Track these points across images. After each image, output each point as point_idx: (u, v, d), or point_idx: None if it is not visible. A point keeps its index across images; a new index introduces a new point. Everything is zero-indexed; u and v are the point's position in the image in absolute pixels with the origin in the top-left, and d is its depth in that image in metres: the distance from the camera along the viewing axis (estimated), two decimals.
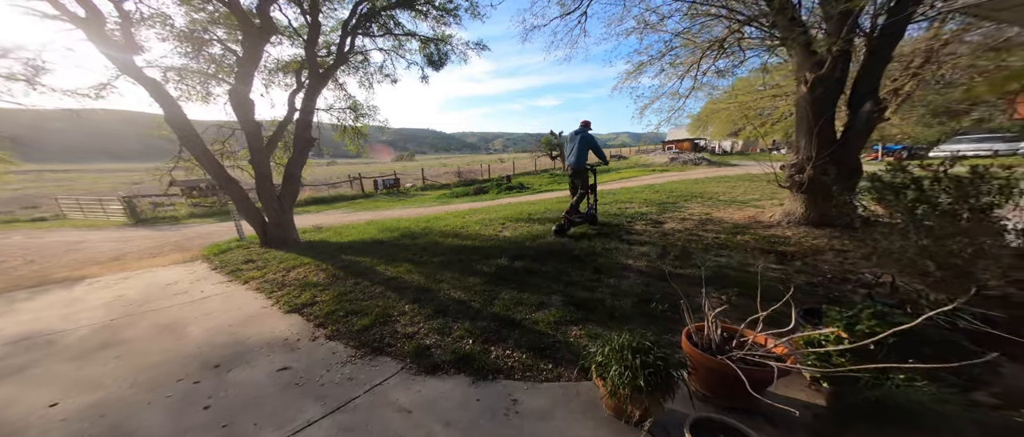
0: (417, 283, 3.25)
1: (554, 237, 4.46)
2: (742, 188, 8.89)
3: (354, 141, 7.90)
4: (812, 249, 3.19)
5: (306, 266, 4.07)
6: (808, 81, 3.87)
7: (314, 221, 9.37)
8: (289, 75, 6.89)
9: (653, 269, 2.99)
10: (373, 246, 5.08)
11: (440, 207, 12.50)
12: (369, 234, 6.18)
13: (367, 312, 2.65)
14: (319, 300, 2.99)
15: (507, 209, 8.49)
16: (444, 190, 22.12)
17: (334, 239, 5.98)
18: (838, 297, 2.20)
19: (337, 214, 11.47)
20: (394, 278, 3.46)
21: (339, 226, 7.89)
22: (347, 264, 4.08)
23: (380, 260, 4.17)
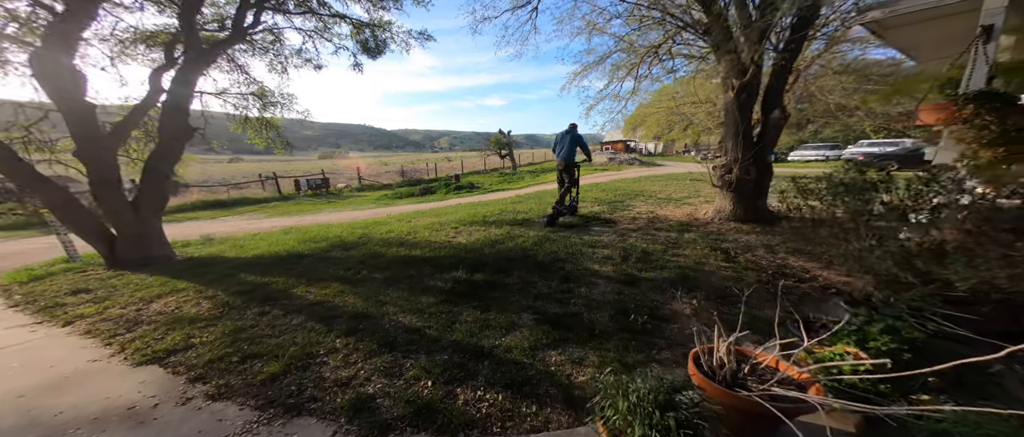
0: (353, 308, 2.64)
1: (539, 229, 4.22)
2: (672, 186, 9.96)
3: (262, 134, 6.47)
4: (746, 245, 3.57)
5: (180, 294, 3.06)
6: (735, 87, 4.37)
7: (204, 230, 7.45)
8: (156, 48, 5.27)
9: (621, 274, 2.95)
10: (290, 261, 4.14)
11: (381, 210, 11.23)
12: (285, 245, 5.08)
13: (277, 353, 2.01)
14: (198, 342, 2.20)
15: (459, 211, 7.97)
16: (385, 191, 20.25)
17: (232, 254, 4.75)
18: (790, 294, 2.38)
19: (239, 221, 9.40)
20: (320, 303, 2.78)
21: (241, 236, 6.40)
22: (248, 287, 3.18)
23: (300, 279, 3.36)
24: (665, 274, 2.83)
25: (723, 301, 2.26)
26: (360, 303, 2.75)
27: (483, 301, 2.62)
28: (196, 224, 9.01)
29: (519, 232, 4.80)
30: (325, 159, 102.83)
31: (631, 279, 2.80)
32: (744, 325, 1.88)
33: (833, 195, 1.78)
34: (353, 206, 13.09)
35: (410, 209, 10.75)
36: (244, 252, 4.81)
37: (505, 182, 18.13)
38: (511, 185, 16.52)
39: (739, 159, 4.53)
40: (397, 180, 22.45)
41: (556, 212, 4.99)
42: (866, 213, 1.58)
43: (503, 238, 4.50)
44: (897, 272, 1.26)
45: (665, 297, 2.42)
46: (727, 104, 4.59)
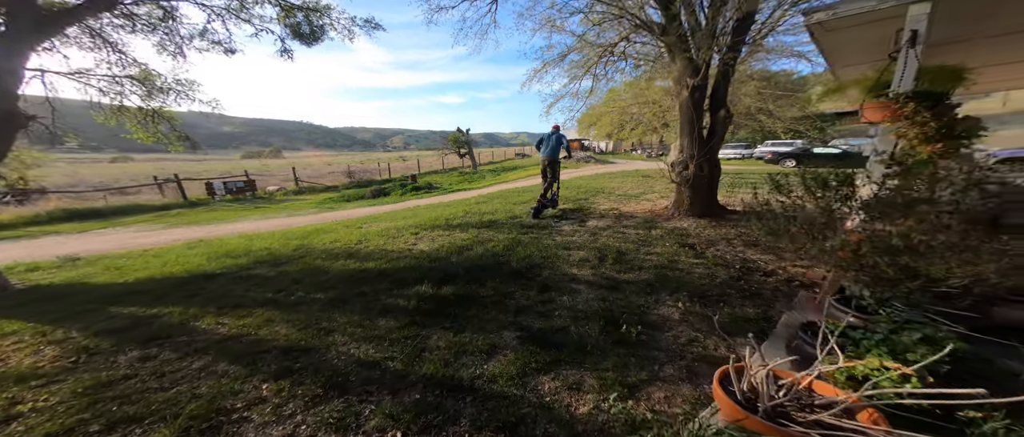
0: (286, 340, 2.14)
1: (510, 230, 3.91)
2: (628, 183, 10.49)
3: (147, 128, 5.22)
4: (708, 240, 3.77)
5: (5, 340, 2.21)
6: (689, 87, 4.63)
7: (69, 247, 5.82)
8: None
9: (601, 278, 2.84)
10: (193, 285, 3.33)
11: (324, 215, 10.00)
12: (187, 264, 4.14)
13: (168, 413, 1.49)
14: (30, 409, 1.56)
15: (418, 214, 7.39)
16: (329, 194, 18.33)
17: (104, 279, 3.74)
18: (759, 291, 2.48)
19: (123, 235, 7.55)
20: (236, 337, 2.21)
21: (121, 255, 5.13)
22: (125, 323, 2.46)
23: (207, 308, 2.69)
24: (644, 276, 2.79)
25: (705, 301, 2.26)
26: (296, 334, 2.23)
27: (456, 320, 2.29)
28: (56, 240, 6.99)
29: (488, 236, 4.51)
30: (251, 158, 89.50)
31: (613, 283, 2.71)
32: (727, 326, 1.88)
33: (810, 191, 1.83)
34: (288, 212, 11.50)
35: (360, 213, 9.75)
36: (124, 276, 3.77)
37: (466, 182, 17.59)
38: (472, 184, 16.05)
39: (694, 156, 4.82)
40: (344, 181, 20.42)
41: (540, 205, 5.54)
42: (843, 209, 1.64)
43: (471, 243, 4.17)
44: (885, 269, 1.29)
45: (650, 301, 2.35)
46: (682, 103, 4.85)
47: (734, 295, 2.30)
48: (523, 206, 6.83)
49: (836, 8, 2.31)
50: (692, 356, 1.64)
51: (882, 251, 1.34)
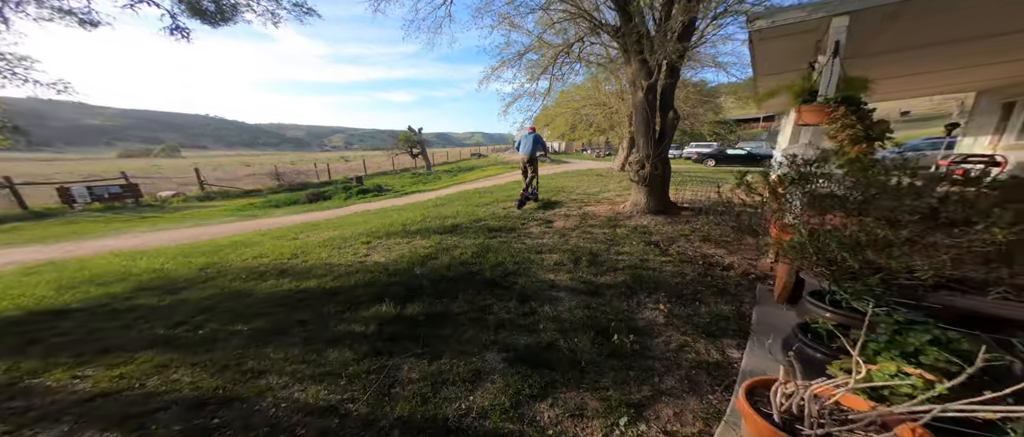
0: (194, 390, 1.67)
1: (476, 235, 3.61)
2: (585, 182, 10.93)
3: None
4: (669, 237, 4.00)
5: None
6: (644, 87, 4.90)
7: None
8: None
9: (579, 282, 2.77)
10: (34, 326, 2.50)
11: (245, 225, 8.53)
12: (23, 298, 3.11)
13: None
14: None
15: (369, 220, 6.68)
16: (251, 199, 15.91)
17: None
18: (725, 287, 2.63)
19: None
20: (111, 394, 1.65)
21: None
22: None
23: (56, 357, 1.99)
24: (620, 277, 2.80)
25: (682, 301, 2.32)
26: (209, 380, 1.74)
27: (429, 344, 2.00)
28: None
29: (453, 242, 4.20)
30: (134, 158, 72.54)
31: (592, 287, 2.66)
32: (710, 327, 1.92)
33: (781, 187, 1.94)
34: (193, 222, 9.61)
35: (294, 221, 8.53)
36: None
37: (420, 183, 16.66)
38: (427, 186, 15.25)
39: (651, 155, 5.13)
40: (270, 185, 17.83)
41: (524, 197, 6.30)
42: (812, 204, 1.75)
43: (434, 251, 3.83)
44: (851, 263, 1.40)
45: (632, 304, 2.34)
46: (637, 103, 5.12)
47: (705, 292, 2.41)
48: (487, 208, 6.61)
49: (774, 16, 2.58)
50: (688, 363, 1.62)
51: (848, 246, 1.45)
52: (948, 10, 2.44)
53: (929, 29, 2.89)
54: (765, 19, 2.59)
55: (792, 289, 2.01)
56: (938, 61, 4.06)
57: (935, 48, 3.41)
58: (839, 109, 2.12)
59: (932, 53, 3.63)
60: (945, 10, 2.44)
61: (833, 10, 2.29)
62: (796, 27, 2.63)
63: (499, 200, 7.53)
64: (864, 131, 2.07)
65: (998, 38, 3.11)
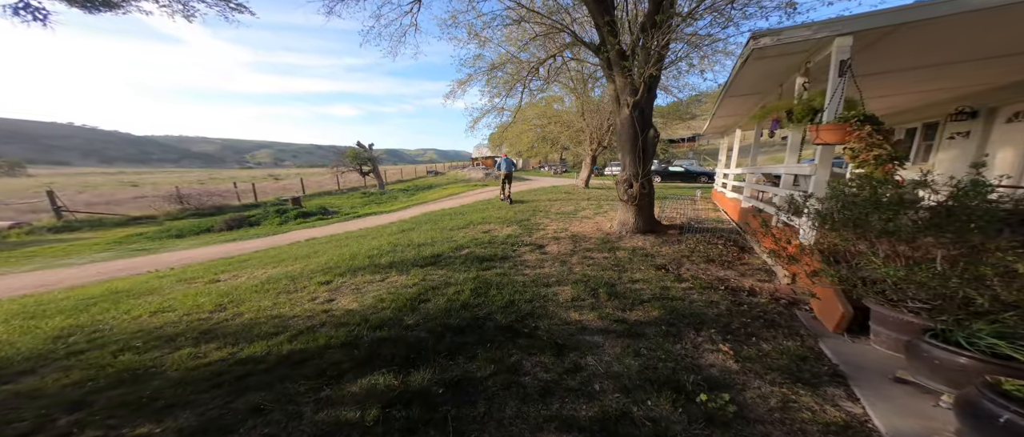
0: None
1: (463, 265, 3.08)
2: (558, 201, 11.03)
3: None
4: (672, 259, 3.99)
5: None
6: (629, 104, 5.05)
7: None
8: None
9: (611, 321, 2.49)
10: None
11: (132, 263, 6.77)
12: None
13: None
14: None
15: (319, 251, 5.69)
16: (139, 228, 13.09)
17: None
18: (768, 315, 2.51)
19: None
20: None
21: None
22: None
23: None
24: (653, 312, 2.59)
25: (737, 337, 2.16)
26: None
27: (462, 432, 1.49)
28: None
29: (440, 277, 3.65)
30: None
31: (628, 327, 2.39)
32: (798, 373, 1.69)
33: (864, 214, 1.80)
34: (41, 262, 7.41)
35: (210, 255, 6.99)
36: None
37: (373, 204, 15.33)
38: (383, 207, 14.07)
39: (638, 173, 5.24)
40: (170, 209, 14.80)
41: (506, 198, 10.10)
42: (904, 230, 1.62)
43: (422, 291, 3.25)
44: (975, 296, 1.33)
45: (687, 346, 2.11)
46: (623, 121, 5.25)
47: (754, 324, 2.30)
48: (464, 233, 6.10)
49: (780, 34, 2.71)
50: (812, 428, 1.39)
51: (969, 280, 1.37)
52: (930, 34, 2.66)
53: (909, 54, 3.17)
54: (771, 37, 2.70)
55: (851, 319, 1.97)
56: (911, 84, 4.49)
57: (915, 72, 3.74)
58: (864, 128, 2.22)
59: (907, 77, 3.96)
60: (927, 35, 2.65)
61: (838, 30, 2.47)
62: (797, 46, 2.82)
63: (474, 222, 7.06)
64: (891, 151, 2.17)
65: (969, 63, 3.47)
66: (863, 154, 2.20)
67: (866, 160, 2.20)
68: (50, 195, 13.43)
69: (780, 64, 3.40)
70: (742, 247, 4.35)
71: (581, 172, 16.64)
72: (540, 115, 17.06)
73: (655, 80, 5.13)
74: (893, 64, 3.51)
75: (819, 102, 2.80)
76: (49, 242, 11.22)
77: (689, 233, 5.21)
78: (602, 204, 9.49)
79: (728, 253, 4.05)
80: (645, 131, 5.43)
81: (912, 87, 4.76)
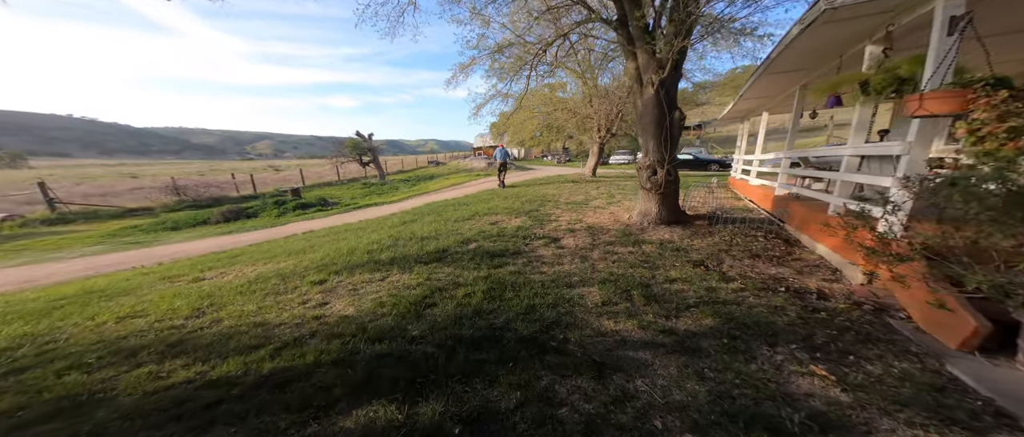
0: None
1: (471, 262, 2.67)
2: (564, 189, 10.54)
3: None
4: (709, 254, 3.54)
5: None
6: (655, 83, 4.53)
7: None
8: None
9: (656, 331, 2.07)
10: None
11: (118, 258, 6.43)
12: None
13: None
14: None
15: (314, 246, 5.29)
16: (135, 220, 12.83)
17: None
18: (855, 326, 2.06)
19: None
20: None
21: None
22: None
23: None
24: (705, 320, 2.17)
25: (827, 356, 1.74)
26: None
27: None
28: None
29: (447, 276, 3.23)
30: None
31: (679, 340, 1.97)
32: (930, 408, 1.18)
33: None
34: (30, 257, 7.11)
35: (203, 248, 6.63)
36: None
37: (374, 195, 14.91)
38: (384, 198, 13.65)
39: (664, 159, 4.75)
40: (166, 201, 14.46)
41: (502, 184, 11.50)
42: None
43: (427, 292, 2.84)
44: None
45: (764, 367, 1.70)
46: (647, 101, 4.74)
47: (846, 338, 1.86)
48: (469, 224, 5.68)
49: None
50: None
51: None
52: None
53: None
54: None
55: (989, 335, 1.54)
56: None
57: None
58: (999, 94, 1.74)
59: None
60: None
61: None
62: (880, 4, 2.31)
63: (480, 213, 6.61)
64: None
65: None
66: (992, 126, 1.72)
67: (993, 133, 1.72)
68: (41, 187, 13.10)
69: (847, 30, 2.87)
70: (786, 239, 3.89)
71: (588, 160, 16.09)
72: (545, 102, 16.43)
73: (682, 56, 4.59)
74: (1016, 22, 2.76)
75: (907, 70, 2.31)
76: (42, 235, 10.94)
77: (719, 224, 4.75)
78: (614, 193, 9.03)
79: (773, 246, 3.59)
80: (671, 113, 4.91)
81: None
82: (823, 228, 2.89)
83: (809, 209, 3.83)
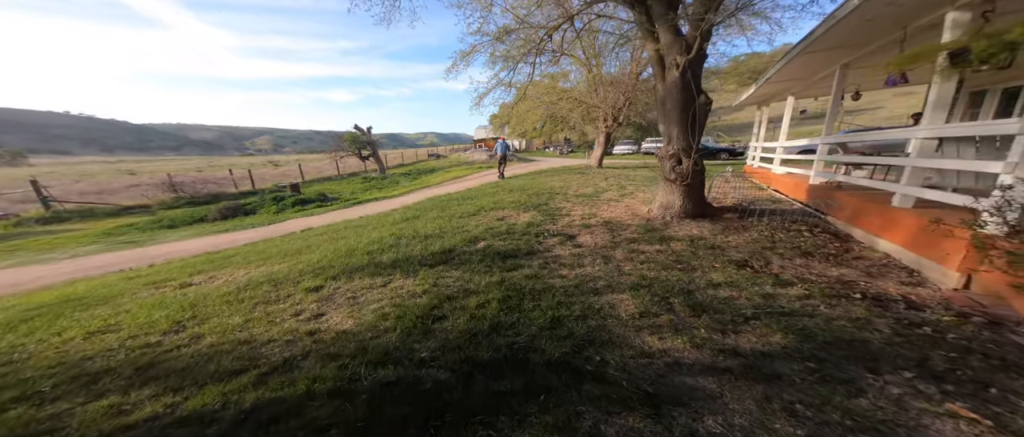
0: None
1: (482, 265, 2.33)
2: (571, 180, 10.11)
3: None
4: (750, 252, 3.15)
5: None
6: (679, 65, 4.10)
7: None
8: None
9: (713, 352, 1.73)
10: None
11: (107, 259, 6.16)
12: None
13: None
14: None
15: (313, 244, 4.97)
16: (132, 217, 12.60)
17: None
18: (977, 346, 1.71)
19: None
20: None
21: None
22: None
23: None
24: (774, 337, 1.82)
25: (958, 386, 1.38)
26: None
27: None
28: None
29: (456, 281, 2.89)
30: None
31: (748, 364, 1.63)
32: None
33: None
34: (22, 258, 6.88)
35: (197, 248, 6.33)
36: None
37: (374, 189, 14.56)
38: (384, 192, 13.29)
39: (690, 147, 4.34)
40: (164, 198, 14.20)
41: (499, 174, 12.09)
42: None
43: (435, 302, 2.50)
44: None
45: (877, 402, 1.34)
46: (670, 85, 4.31)
47: (971, 361, 1.50)
48: (475, 220, 5.32)
49: None
50: None
51: None
52: None
53: None
54: None
55: None
56: None
57: None
58: None
59: None
60: None
61: None
62: None
63: (486, 208, 6.24)
64: None
65: None
66: None
67: None
68: (34, 185, 12.84)
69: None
70: (835, 234, 3.51)
71: (594, 151, 15.60)
72: (548, 91, 15.87)
73: (708, 35, 4.14)
74: None
75: (1021, 33, 1.88)
76: (37, 234, 10.72)
77: (752, 217, 4.36)
78: (624, 184, 8.62)
79: (824, 243, 3.22)
80: (697, 97, 4.47)
81: None
82: (887, 222, 2.52)
83: (862, 200, 3.43)
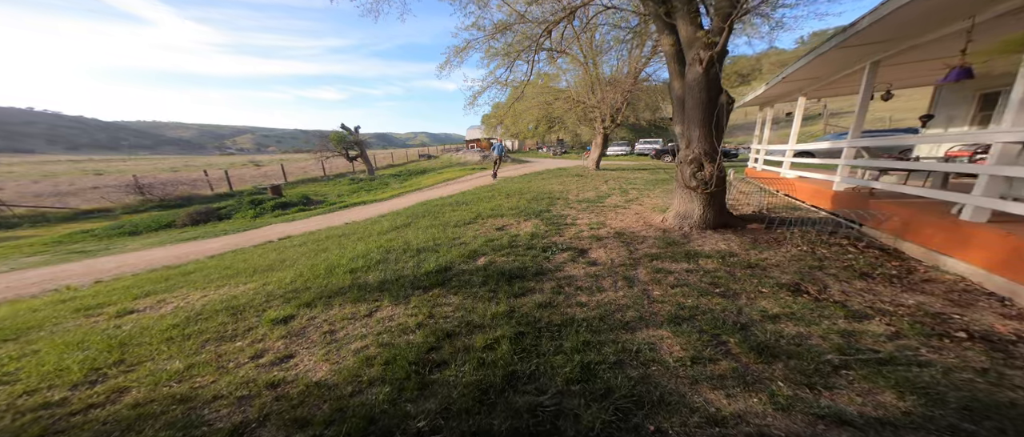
0: None
1: (486, 286, 1.85)
2: (572, 184, 9.72)
3: None
4: (796, 270, 2.78)
5: None
6: (702, 60, 3.73)
7: None
8: None
9: (810, 417, 1.31)
10: None
11: (53, 271, 5.40)
12: None
13: None
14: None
15: (287, 257, 4.40)
16: (91, 222, 11.69)
17: None
18: None
19: None
20: None
21: None
22: None
23: None
24: (884, 396, 1.42)
25: None
26: None
27: None
28: None
29: (454, 308, 2.42)
30: None
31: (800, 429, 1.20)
32: None
33: None
34: None
35: (155, 260, 5.65)
36: None
37: (362, 192, 13.88)
38: (373, 195, 12.64)
39: (713, 151, 3.98)
40: (128, 201, 13.21)
41: (494, 174, 12.52)
42: None
43: (431, 338, 2.03)
44: None
45: None
46: (692, 83, 3.94)
47: None
48: (472, 230, 4.85)
49: None
50: None
51: None
52: None
53: None
54: None
55: None
56: None
57: None
58: None
59: None
60: None
61: None
62: None
63: (483, 214, 5.76)
64: None
65: None
66: None
67: None
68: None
69: None
70: (882, 249, 3.18)
71: (591, 152, 15.29)
72: (543, 92, 15.53)
73: (731, 28, 3.80)
74: None
75: None
76: None
77: (779, 227, 4.02)
78: (627, 188, 8.29)
79: (877, 260, 2.87)
80: (719, 96, 4.11)
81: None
82: (955, 237, 2.18)
83: (911, 210, 3.11)
